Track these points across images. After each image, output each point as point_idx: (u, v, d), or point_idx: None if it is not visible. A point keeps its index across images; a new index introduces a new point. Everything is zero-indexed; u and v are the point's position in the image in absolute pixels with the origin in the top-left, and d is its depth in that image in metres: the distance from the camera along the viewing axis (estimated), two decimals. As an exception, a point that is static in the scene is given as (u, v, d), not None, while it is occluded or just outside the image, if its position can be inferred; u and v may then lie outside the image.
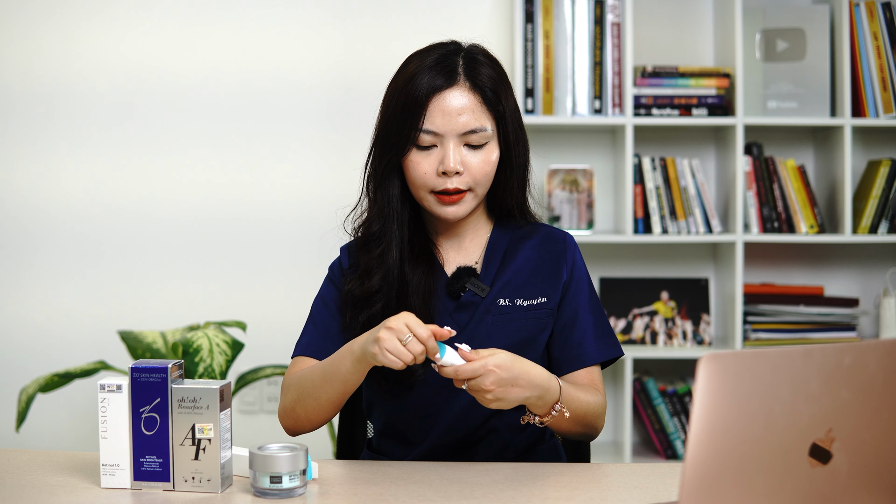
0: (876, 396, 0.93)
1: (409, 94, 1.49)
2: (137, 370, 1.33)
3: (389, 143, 1.52)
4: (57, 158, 2.93)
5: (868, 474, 0.95)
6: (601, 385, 1.58)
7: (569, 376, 1.57)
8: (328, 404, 1.49)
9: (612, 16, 2.80)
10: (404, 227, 1.56)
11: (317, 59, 2.93)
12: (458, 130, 1.49)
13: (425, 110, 1.48)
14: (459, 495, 1.30)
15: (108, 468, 1.34)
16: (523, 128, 1.59)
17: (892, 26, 2.79)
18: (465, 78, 1.50)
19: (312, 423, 1.53)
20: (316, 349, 1.56)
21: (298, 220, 2.94)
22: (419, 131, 1.49)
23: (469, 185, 1.51)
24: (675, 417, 2.87)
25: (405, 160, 1.52)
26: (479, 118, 1.50)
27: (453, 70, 1.50)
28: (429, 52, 1.53)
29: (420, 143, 1.50)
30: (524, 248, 1.61)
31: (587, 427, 1.53)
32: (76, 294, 2.95)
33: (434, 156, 1.50)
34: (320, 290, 1.64)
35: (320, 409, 1.50)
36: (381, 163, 1.54)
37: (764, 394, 0.87)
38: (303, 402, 1.51)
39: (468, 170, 1.50)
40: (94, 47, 2.92)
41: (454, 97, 1.49)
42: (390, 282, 1.54)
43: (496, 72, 1.54)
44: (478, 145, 1.51)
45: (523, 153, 1.59)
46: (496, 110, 1.52)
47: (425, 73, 1.49)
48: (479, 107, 1.50)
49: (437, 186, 1.50)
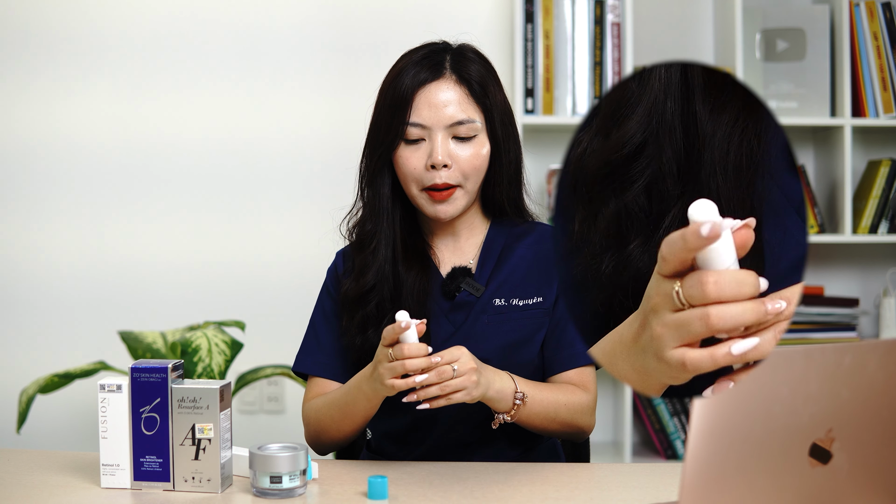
0: (876, 396, 0.93)
1: (396, 90, 1.51)
2: (137, 370, 1.33)
3: (379, 139, 1.53)
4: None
5: (868, 474, 0.95)
6: (592, 385, 1.57)
7: (560, 376, 1.57)
8: (351, 432, 1.54)
9: (612, 16, 2.80)
10: (396, 225, 1.57)
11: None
12: (444, 122, 1.49)
13: (412, 103, 1.50)
14: (459, 495, 1.30)
15: (108, 468, 1.34)
16: (514, 124, 1.59)
17: (892, 26, 2.79)
18: (452, 71, 1.51)
19: (337, 446, 1.60)
20: (324, 367, 1.59)
21: (298, 221, 2.94)
22: (406, 125, 1.50)
23: (458, 180, 1.51)
24: (675, 417, 2.87)
25: (395, 156, 1.52)
26: (465, 110, 1.50)
27: (440, 64, 1.52)
28: (418, 50, 1.55)
29: (408, 137, 1.51)
30: (520, 246, 1.61)
31: (565, 425, 1.52)
32: (76, 294, 2.95)
33: (422, 150, 1.51)
34: (319, 300, 1.65)
35: (343, 437, 1.55)
36: (371, 160, 1.55)
37: (764, 394, 0.87)
38: (327, 433, 1.55)
39: (457, 163, 1.50)
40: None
41: (440, 89, 1.50)
42: (383, 280, 1.54)
43: (484, 67, 1.55)
44: (466, 137, 1.51)
45: (514, 149, 1.59)
46: (484, 104, 1.52)
47: (412, 67, 1.51)
48: (466, 99, 1.51)
49: (426, 181, 1.51)
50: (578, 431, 1.56)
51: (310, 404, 1.58)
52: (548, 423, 1.50)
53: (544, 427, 1.51)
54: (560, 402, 1.50)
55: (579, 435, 1.58)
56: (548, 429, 1.52)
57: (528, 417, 1.47)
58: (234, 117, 2.94)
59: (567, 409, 1.51)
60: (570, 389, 1.53)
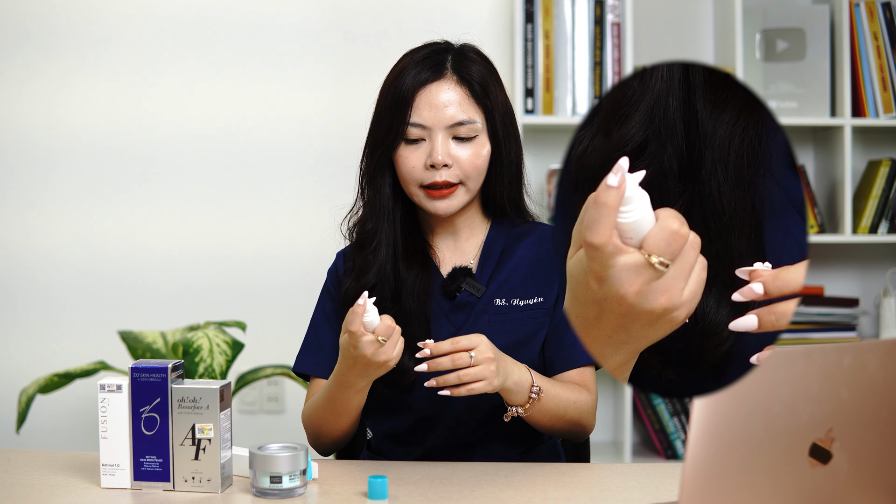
0: (876, 396, 0.93)
1: (397, 89, 1.51)
2: (137, 370, 1.33)
3: (379, 139, 1.53)
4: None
5: (868, 474, 0.95)
6: (593, 385, 1.57)
7: (561, 376, 1.56)
8: (349, 428, 1.54)
9: (612, 16, 2.80)
10: (396, 224, 1.57)
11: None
12: (445, 123, 1.49)
13: (412, 103, 1.50)
14: (459, 495, 1.30)
15: (108, 468, 1.34)
16: (515, 125, 1.59)
17: (892, 26, 2.79)
18: (453, 72, 1.51)
19: (339, 445, 1.59)
20: (325, 367, 1.58)
21: (299, 220, 2.94)
22: (407, 125, 1.50)
23: (459, 179, 1.51)
24: (675, 417, 2.87)
25: (395, 156, 1.52)
26: (466, 111, 1.50)
27: (441, 64, 1.52)
28: (419, 50, 1.55)
29: (408, 137, 1.51)
30: (521, 246, 1.61)
31: (571, 424, 1.52)
32: (76, 294, 2.95)
33: (422, 149, 1.51)
34: (319, 300, 1.65)
35: (342, 434, 1.55)
36: (372, 160, 1.55)
37: (764, 394, 0.87)
38: (325, 434, 1.55)
39: (457, 163, 1.50)
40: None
41: (441, 90, 1.50)
42: (384, 279, 1.54)
43: (485, 68, 1.55)
44: (466, 138, 1.51)
45: (515, 150, 1.59)
46: (485, 105, 1.52)
47: (413, 67, 1.51)
48: (467, 100, 1.51)
49: (425, 180, 1.51)
50: (581, 431, 1.56)
51: (305, 407, 1.58)
52: (556, 420, 1.50)
53: (552, 425, 1.51)
54: (570, 401, 1.50)
55: (581, 435, 1.58)
56: (554, 427, 1.51)
57: (539, 413, 1.46)
58: (234, 115, 2.94)
59: (576, 407, 1.51)
60: (576, 388, 1.53)
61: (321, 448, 1.59)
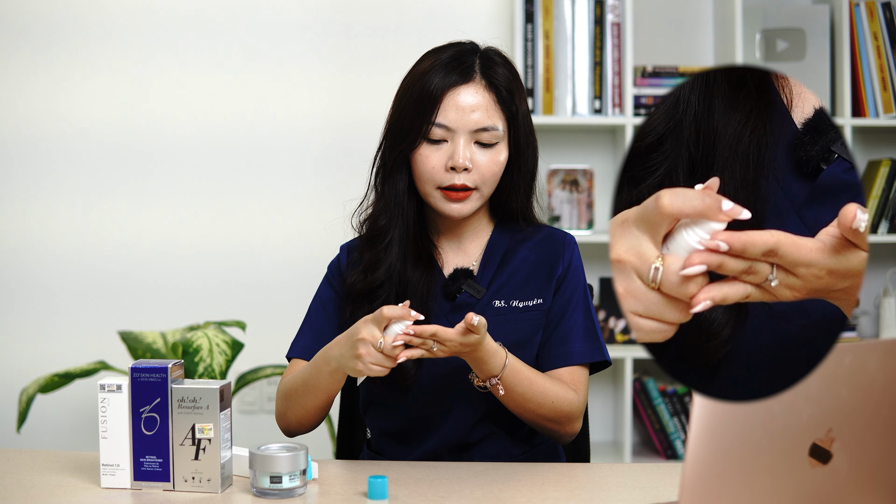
0: (876, 396, 0.93)
1: (423, 88, 1.50)
2: (137, 370, 1.33)
3: (401, 135, 1.53)
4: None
5: (868, 474, 0.95)
6: (582, 387, 1.55)
7: (551, 373, 1.55)
8: (315, 410, 1.53)
9: (612, 16, 2.80)
10: (409, 223, 1.57)
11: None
12: (470, 127, 1.50)
13: (439, 104, 1.49)
14: (459, 495, 1.30)
15: (108, 468, 1.34)
16: (534, 133, 1.59)
17: (892, 26, 2.79)
18: (482, 76, 1.52)
19: (304, 427, 1.58)
20: (310, 352, 1.57)
21: (299, 220, 2.94)
22: (431, 124, 1.50)
23: (476, 184, 1.52)
24: (675, 417, 2.87)
25: (414, 154, 1.52)
26: (491, 117, 1.51)
27: (470, 67, 1.52)
28: (445, 50, 1.55)
29: (431, 137, 1.51)
30: (523, 249, 1.61)
31: (547, 416, 1.49)
32: (76, 294, 2.95)
33: (444, 151, 1.51)
34: (318, 290, 1.65)
35: (308, 416, 1.54)
36: (390, 155, 1.55)
37: (764, 394, 0.87)
38: (292, 409, 1.54)
39: (476, 168, 1.51)
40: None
41: (469, 94, 1.50)
42: (393, 278, 1.54)
43: (511, 73, 1.55)
44: (488, 144, 1.51)
45: (532, 158, 1.59)
46: (509, 111, 1.53)
47: (441, 68, 1.51)
48: (493, 106, 1.51)
49: (443, 182, 1.51)
50: (560, 429, 1.53)
51: (284, 378, 1.58)
52: (534, 406, 1.47)
53: (529, 410, 1.48)
54: (547, 390, 1.48)
55: (560, 434, 1.54)
56: (534, 412, 1.49)
57: (512, 389, 1.45)
58: (234, 115, 2.94)
59: (553, 399, 1.48)
60: (561, 384, 1.51)
61: (286, 425, 1.58)
